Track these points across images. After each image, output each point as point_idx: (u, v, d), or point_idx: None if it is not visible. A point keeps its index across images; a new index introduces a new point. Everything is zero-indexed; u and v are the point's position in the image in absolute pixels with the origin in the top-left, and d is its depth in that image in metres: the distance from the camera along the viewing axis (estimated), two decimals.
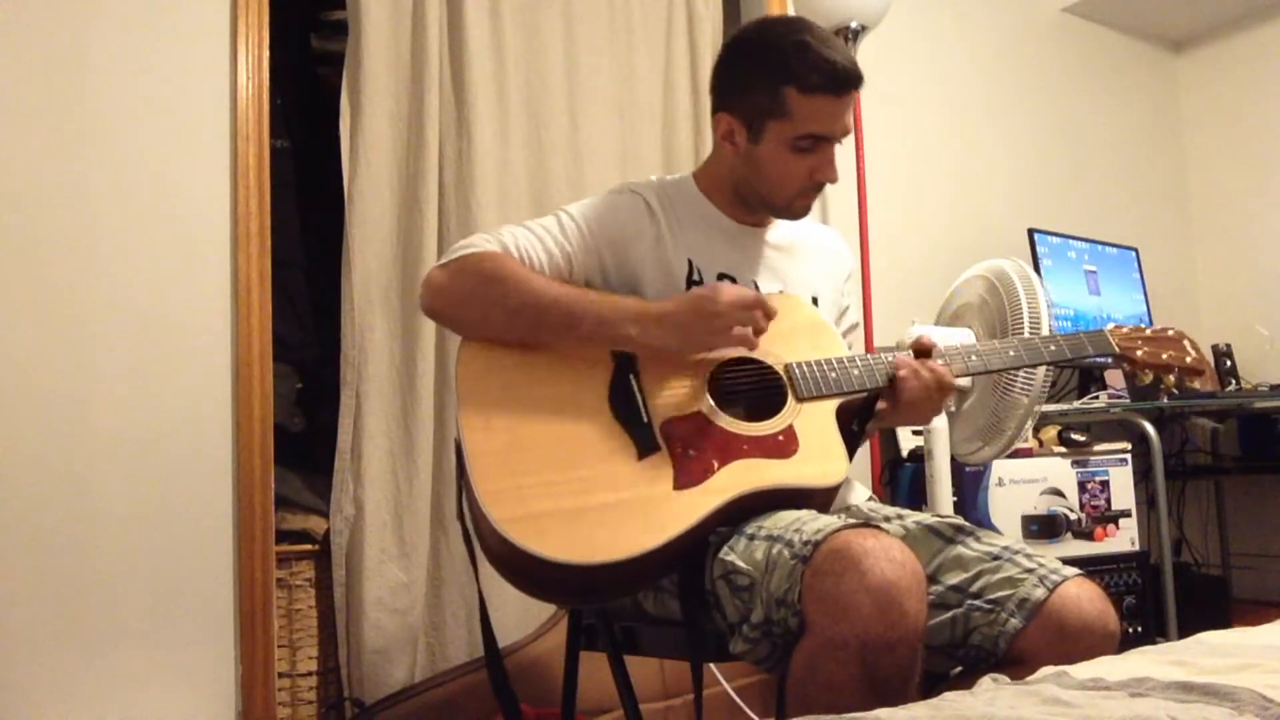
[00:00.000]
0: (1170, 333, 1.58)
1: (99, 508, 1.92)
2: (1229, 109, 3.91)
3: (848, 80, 1.43)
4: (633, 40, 2.67)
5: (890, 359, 1.45)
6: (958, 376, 1.47)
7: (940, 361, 1.46)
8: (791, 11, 2.90)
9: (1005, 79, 3.50)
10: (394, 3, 2.32)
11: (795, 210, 1.53)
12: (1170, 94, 4.03)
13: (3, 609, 1.82)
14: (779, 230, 1.60)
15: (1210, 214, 3.96)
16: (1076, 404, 2.91)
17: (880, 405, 1.46)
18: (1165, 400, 2.81)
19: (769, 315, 1.39)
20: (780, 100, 1.43)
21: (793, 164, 1.47)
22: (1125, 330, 1.56)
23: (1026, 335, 1.61)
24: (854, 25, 2.76)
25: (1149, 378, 1.56)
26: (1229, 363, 3.43)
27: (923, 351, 1.47)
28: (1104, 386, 3.05)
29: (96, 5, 1.99)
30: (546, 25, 2.53)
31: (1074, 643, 1.26)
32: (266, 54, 2.15)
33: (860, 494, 1.57)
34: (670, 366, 1.40)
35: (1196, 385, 1.58)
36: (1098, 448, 2.65)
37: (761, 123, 1.46)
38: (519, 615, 2.29)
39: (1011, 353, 1.51)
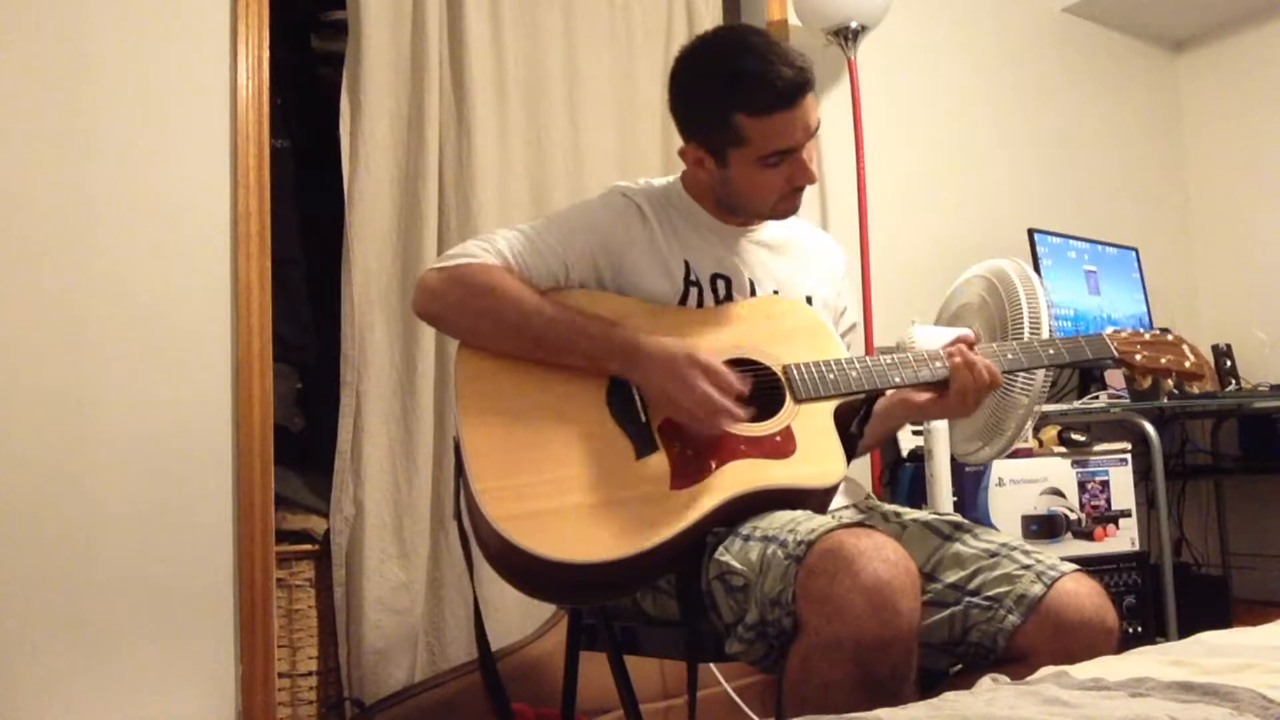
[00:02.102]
0: (1169, 337, 1.58)
1: (99, 508, 1.92)
2: (1229, 109, 3.91)
3: (796, 90, 1.39)
4: (633, 40, 2.67)
5: (887, 360, 1.45)
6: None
7: (938, 364, 1.46)
8: (792, 12, 2.90)
9: (1005, 79, 3.50)
10: (394, 3, 2.32)
11: (781, 213, 1.53)
12: (1170, 94, 4.03)
13: (3, 609, 1.82)
14: (770, 230, 1.60)
15: (1210, 214, 3.96)
16: (1076, 404, 2.91)
17: (925, 397, 1.46)
18: (1165, 400, 2.81)
19: (732, 417, 1.35)
20: (734, 129, 1.41)
21: (766, 178, 1.45)
22: (1124, 334, 1.57)
23: (1026, 339, 1.62)
24: (854, 25, 2.76)
25: (1147, 382, 1.57)
26: (1229, 363, 3.42)
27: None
28: (1104, 386, 3.05)
29: (97, 5, 1.99)
30: (546, 25, 2.53)
31: (1072, 638, 1.26)
32: (266, 54, 2.15)
33: (859, 493, 1.58)
34: None
35: (1195, 389, 1.59)
36: (1098, 448, 2.65)
37: (723, 151, 1.45)
38: (519, 615, 2.29)
39: (1010, 356, 1.51)
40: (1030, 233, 3.10)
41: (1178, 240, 3.96)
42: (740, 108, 1.40)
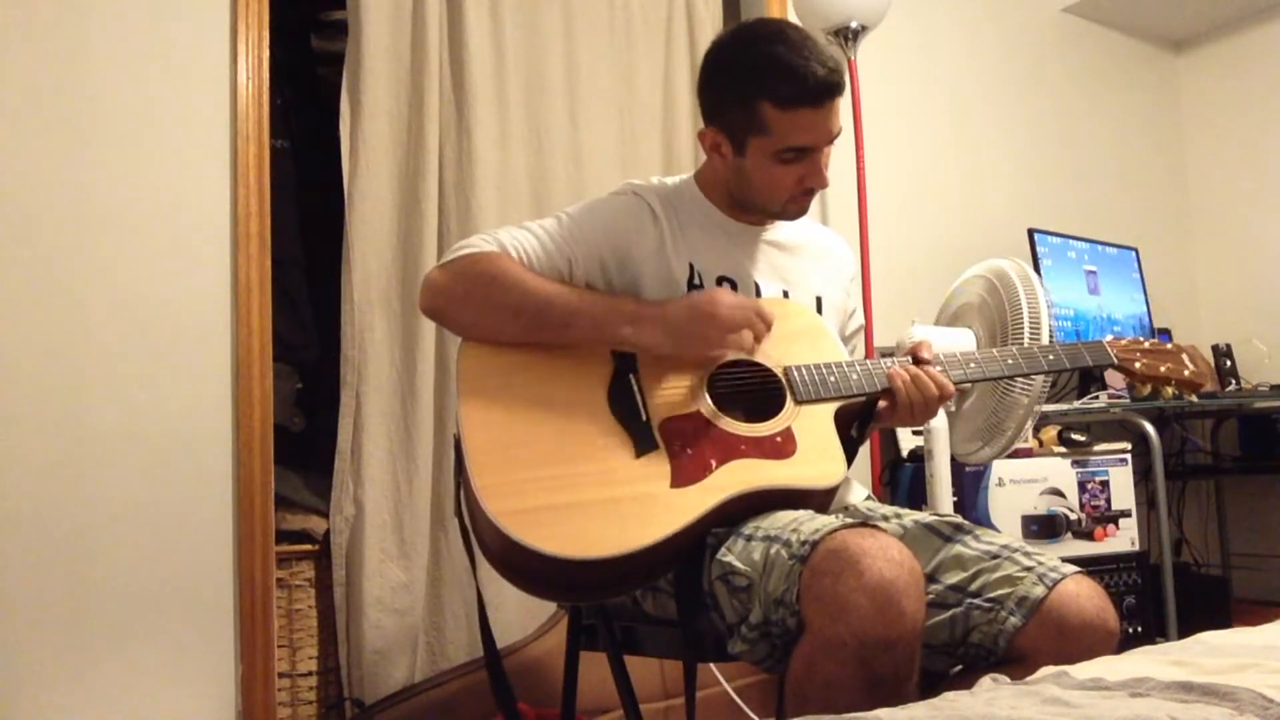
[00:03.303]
0: (1169, 345, 1.58)
1: (99, 508, 1.92)
2: (1229, 109, 3.91)
3: (825, 90, 1.39)
4: (633, 40, 2.67)
5: (889, 364, 1.45)
6: (956, 384, 1.47)
7: (938, 369, 1.46)
8: (791, 12, 2.90)
9: (1005, 79, 3.50)
10: (394, 3, 2.32)
11: (790, 214, 1.53)
12: (1170, 94, 4.03)
13: (3, 609, 1.82)
14: (781, 230, 1.60)
15: (1210, 214, 3.96)
16: (1076, 404, 2.91)
17: (881, 404, 1.46)
18: (1165, 400, 2.81)
19: (766, 323, 1.40)
20: (757, 116, 1.41)
21: (780, 174, 1.46)
22: (1124, 342, 1.57)
23: (1026, 343, 1.62)
24: (854, 25, 2.76)
25: (1147, 389, 1.57)
26: (1229, 363, 3.42)
27: (920, 359, 1.47)
28: (1104, 387, 3.04)
29: (97, 5, 1.99)
30: (546, 25, 2.53)
31: (1074, 640, 1.26)
32: (266, 54, 2.15)
33: (859, 494, 1.58)
34: (670, 366, 1.40)
35: (1194, 398, 1.59)
36: (1098, 448, 2.65)
37: (743, 138, 1.45)
38: (519, 615, 2.29)
39: (1010, 361, 1.51)
40: (1030, 233, 3.10)
41: (1178, 240, 3.95)
42: (767, 96, 1.40)
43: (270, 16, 2.16)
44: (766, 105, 1.40)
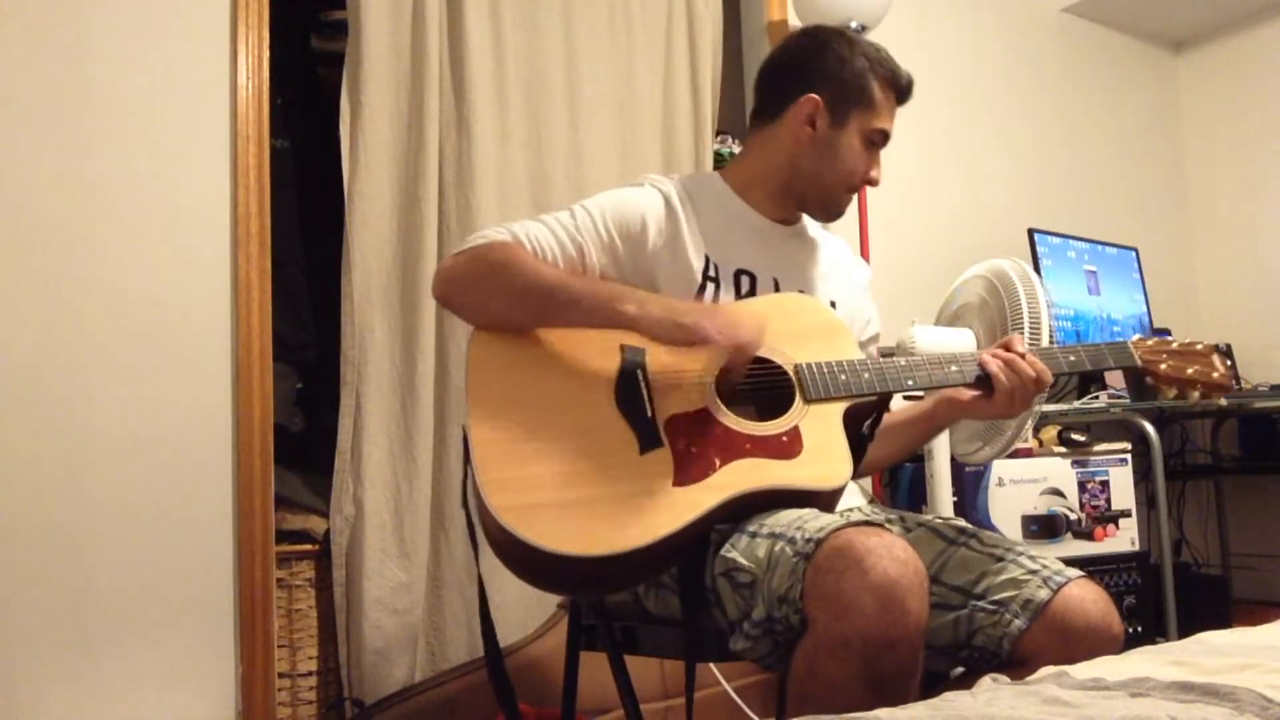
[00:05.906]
0: (1199, 347, 1.53)
1: (99, 508, 1.92)
2: (1229, 109, 3.91)
3: (908, 92, 1.56)
4: (633, 40, 2.67)
5: (901, 363, 1.44)
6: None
7: (954, 368, 1.45)
8: (791, 12, 2.91)
9: (1005, 79, 3.50)
10: (394, 3, 2.32)
11: (840, 206, 1.57)
12: (1170, 94, 4.03)
13: (3, 609, 1.82)
14: (803, 233, 1.61)
15: (1210, 214, 3.96)
16: (1076, 404, 2.91)
17: (971, 396, 1.46)
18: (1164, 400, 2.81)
19: (745, 362, 1.39)
20: (869, 90, 1.51)
21: (860, 156, 1.53)
22: (1150, 343, 1.53)
23: (1045, 345, 1.60)
24: (854, 25, 2.76)
25: (1173, 393, 1.52)
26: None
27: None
28: (1104, 386, 3.04)
29: (97, 5, 1.99)
30: (546, 25, 2.53)
31: (1078, 644, 1.26)
32: (266, 54, 2.15)
33: (859, 499, 1.57)
34: (679, 362, 1.40)
35: (1222, 402, 1.55)
36: (1098, 448, 2.65)
37: (847, 108, 1.51)
38: (519, 615, 2.29)
39: None
40: (1030, 233, 3.10)
41: (1178, 240, 3.96)
42: (878, 76, 1.52)
43: (270, 16, 2.16)
44: (876, 83, 1.52)
